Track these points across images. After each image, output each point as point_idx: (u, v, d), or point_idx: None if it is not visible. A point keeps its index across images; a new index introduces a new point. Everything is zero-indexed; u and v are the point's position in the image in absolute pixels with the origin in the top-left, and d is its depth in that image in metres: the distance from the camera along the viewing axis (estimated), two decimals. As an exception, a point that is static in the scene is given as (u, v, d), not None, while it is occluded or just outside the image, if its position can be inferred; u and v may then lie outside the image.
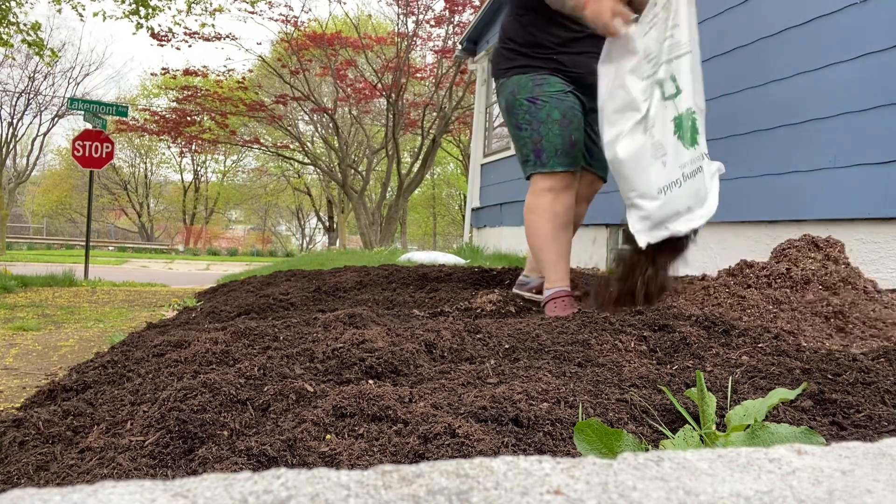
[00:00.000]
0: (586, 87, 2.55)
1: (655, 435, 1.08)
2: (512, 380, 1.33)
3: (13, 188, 29.97)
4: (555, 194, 2.51)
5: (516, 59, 2.60)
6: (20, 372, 2.42)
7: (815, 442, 0.92)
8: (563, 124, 2.49)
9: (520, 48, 2.60)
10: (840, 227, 3.42)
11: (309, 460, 0.96)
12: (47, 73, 27.44)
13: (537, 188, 2.55)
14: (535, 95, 2.52)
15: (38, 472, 1.07)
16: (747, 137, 4.05)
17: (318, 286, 3.32)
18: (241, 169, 35.26)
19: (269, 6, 15.07)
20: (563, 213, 2.51)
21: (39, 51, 9.92)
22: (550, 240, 2.52)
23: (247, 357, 1.55)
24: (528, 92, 2.54)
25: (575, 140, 2.51)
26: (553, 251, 2.52)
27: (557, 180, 2.50)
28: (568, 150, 2.50)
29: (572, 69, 2.56)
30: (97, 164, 8.33)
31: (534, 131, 2.52)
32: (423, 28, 15.53)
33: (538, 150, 2.51)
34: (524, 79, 2.55)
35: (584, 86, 2.57)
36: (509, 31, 2.67)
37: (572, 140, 2.50)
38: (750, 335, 1.68)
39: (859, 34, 3.32)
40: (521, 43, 2.60)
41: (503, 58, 2.67)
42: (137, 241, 33.57)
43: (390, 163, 17.51)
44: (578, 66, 2.56)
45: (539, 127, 2.51)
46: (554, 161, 2.49)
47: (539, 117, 2.51)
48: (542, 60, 2.56)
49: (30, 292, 5.57)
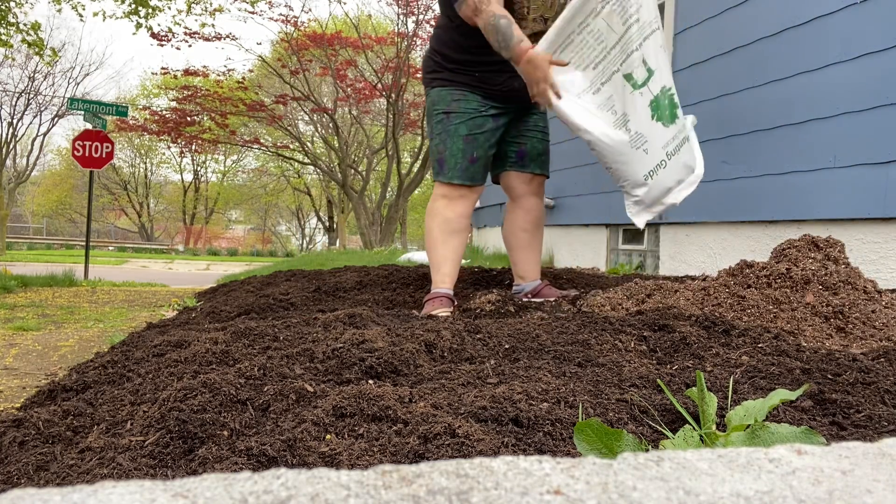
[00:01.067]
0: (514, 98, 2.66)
1: (655, 435, 1.08)
2: (512, 380, 1.33)
3: (13, 188, 29.96)
4: (448, 201, 2.69)
5: (441, 73, 2.72)
6: (20, 372, 2.42)
7: (815, 442, 0.92)
8: (468, 140, 2.64)
9: (444, 63, 2.71)
10: (840, 227, 3.42)
11: (309, 460, 0.96)
12: (47, 73, 27.43)
13: (435, 194, 2.73)
14: (450, 109, 2.67)
15: (38, 472, 1.07)
16: (747, 137, 4.05)
17: (318, 286, 3.32)
18: (241, 169, 35.25)
19: (269, 6, 15.06)
20: (455, 219, 2.68)
21: (39, 51, 9.91)
22: (438, 243, 2.68)
23: (247, 357, 1.55)
24: (445, 105, 2.69)
25: (477, 157, 2.66)
26: (439, 254, 2.68)
27: (452, 190, 2.68)
28: (467, 165, 2.65)
29: (496, 85, 2.66)
30: (97, 164, 8.33)
31: (441, 142, 2.69)
32: (423, 28, 15.52)
33: (441, 160, 2.68)
34: (444, 92, 2.70)
35: (513, 98, 2.67)
36: (439, 41, 2.76)
37: (474, 156, 2.65)
38: (750, 335, 1.68)
39: (859, 34, 3.32)
40: (447, 56, 2.70)
41: (431, 66, 2.77)
42: (137, 241, 33.56)
43: (390, 163, 17.51)
44: (503, 82, 2.64)
45: (446, 139, 2.67)
46: (452, 173, 2.66)
47: (448, 130, 2.67)
48: (464, 76, 2.67)
49: (30, 292, 5.57)
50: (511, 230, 2.89)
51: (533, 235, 2.86)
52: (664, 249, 4.90)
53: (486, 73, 2.63)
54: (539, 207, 2.87)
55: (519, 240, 2.86)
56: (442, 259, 2.66)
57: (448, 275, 2.65)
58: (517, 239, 2.87)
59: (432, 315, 2.27)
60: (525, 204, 2.84)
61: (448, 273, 2.65)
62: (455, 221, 2.68)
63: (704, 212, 4.41)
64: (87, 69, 33.33)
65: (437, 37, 2.76)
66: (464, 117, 2.64)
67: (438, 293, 2.60)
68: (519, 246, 2.87)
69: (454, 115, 2.65)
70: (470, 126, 2.64)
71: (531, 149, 2.80)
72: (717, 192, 4.29)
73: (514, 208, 2.88)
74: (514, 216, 2.87)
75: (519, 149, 2.79)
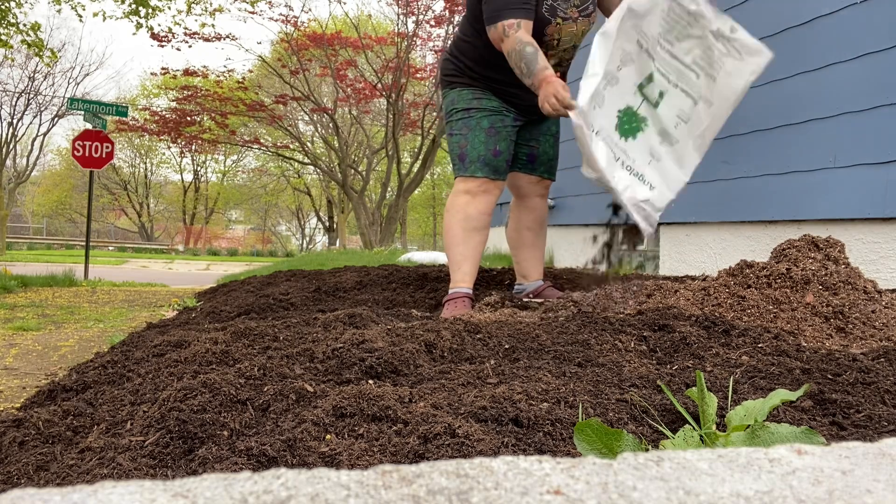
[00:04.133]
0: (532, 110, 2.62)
1: (655, 435, 1.08)
2: (512, 380, 1.33)
3: (13, 188, 29.96)
4: (471, 197, 2.62)
5: (462, 78, 2.70)
6: (20, 372, 2.41)
7: (815, 442, 0.92)
8: (490, 133, 2.61)
9: (467, 71, 2.69)
10: (840, 227, 3.41)
11: (309, 460, 0.96)
12: (47, 74, 27.43)
13: (456, 190, 2.67)
14: (471, 107, 2.65)
15: (38, 472, 1.07)
16: (747, 137, 4.04)
17: (318, 286, 3.32)
18: (241, 169, 35.26)
19: (269, 6, 15.05)
20: (476, 216, 2.62)
21: (39, 51, 9.91)
22: (459, 240, 2.62)
23: (247, 357, 1.55)
24: (466, 103, 2.66)
25: (500, 150, 2.62)
26: (459, 252, 2.62)
27: (476, 185, 2.62)
28: (491, 158, 2.61)
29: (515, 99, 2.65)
30: (97, 164, 8.33)
31: (462, 137, 2.65)
32: (423, 28, 15.52)
33: (462, 155, 2.64)
34: (465, 92, 2.68)
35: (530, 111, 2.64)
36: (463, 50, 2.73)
37: (497, 149, 2.61)
38: (750, 335, 1.68)
39: (859, 34, 3.32)
40: (469, 67, 2.68)
41: (451, 69, 2.75)
42: (137, 241, 33.56)
43: (390, 163, 17.50)
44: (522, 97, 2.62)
45: (467, 133, 2.63)
46: (475, 167, 2.61)
47: (469, 124, 2.64)
48: (483, 83, 2.66)
49: (30, 292, 5.56)
50: (516, 228, 2.89)
51: (537, 234, 2.86)
52: (664, 249, 4.90)
53: (507, 91, 2.63)
54: (543, 208, 2.88)
55: (524, 238, 2.87)
56: (462, 258, 2.61)
57: (468, 274, 2.61)
58: (522, 237, 2.87)
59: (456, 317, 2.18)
60: (530, 203, 2.85)
61: (468, 272, 2.61)
62: (476, 219, 2.62)
63: (704, 212, 4.41)
64: (87, 69, 33.37)
65: (461, 44, 2.73)
66: (486, 112, 2.62)
67: (459, 293, 2.56)
68: (523, 245, 2.87)
69: (475, 110, 2.63)
70: (492, 120, 2.62)
71: (542, 153, 2.80)
72: (717, 192, 4.29)
73: (519, 207, 2.88)
74: (518, 215, 2.87)
75: (530, 152, 2.79)
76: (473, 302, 2.54)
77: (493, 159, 2.61)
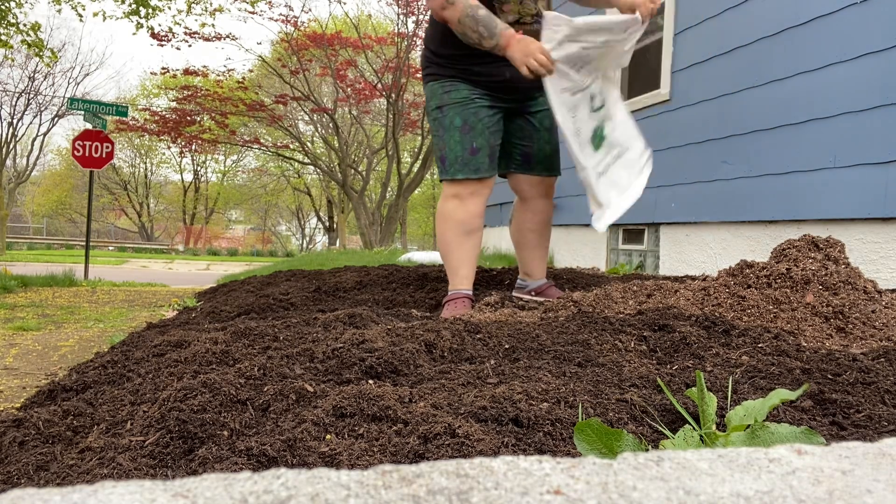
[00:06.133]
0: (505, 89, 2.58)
1: (655, 435, 1.08)
2: (512, 380, 1.33)
3: (13, 188, 29.96)
4: (459, 201, 2.57)
5: (430, 67, 2.66)
6: (20, 372, 2.42)
7: (815, 442, 0.92)
8: (464, 131, 2.54)
9: (433, 56, 2.64)
10: (840, 227, 3.41)
11: (309, 460, 0.96)
12: (47, 73, 27.44)
13: (445, 195, 2.63)
14: (442, 103, 2.58)
15: (38, 472, 1.07)
16: (747, 137, 4.04)
17: (318, 286, 3.32)
18: (241, 169, 35.28)
19: (269, 6, 15.08)
20: (467, 220, 2.57)
21: (39, 51, 9.92)
22: (453, 246, 2.59)
23: (247, 357, 1.55)
24: (437, 100, 2.60)
25: (477, 147, 2.54)
26: (455, 258, 2.59)
27: (462, 187, 2.57)
28: (468, 157, 2.54)
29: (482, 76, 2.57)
30: (97, 164, 8.33)
31: (439, 139, 2.60)
32: (422, 28, 15.52)
33: (443, 157, 2.58)
34: (436, 86, 2.61)
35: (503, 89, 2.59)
36: (426, 37, 2.70)
37: (473, 147, 2.53)
38: (750, 335, 1.68)
39: (859, 34, 3.32)
40: (434, 51, 2.64)
41: (423, 62, 2.73)
42: (137, 241, 33.56)
43: (390, 163, 17.50)
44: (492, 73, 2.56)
45: (444, 134, 2.58)
46: (455, 168, 2.55)
47: (444, 124, 2.57)
48: (451, 69, 2.59)
49: (30, 292, 5.57)
50: (519, 230, 2.86)
51: (541, 236, 2.84)
52: (664, 249, 4.90)
53: (470, 66, 2.54)
54: (547, 209, 2.83)
55: (527, 240, 2.84)
56: (458, 262, 2.58)
57: (466, 276, 2.58)
58: (525, 239, 2.85)
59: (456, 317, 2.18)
60: (533, 206, 2.79)
61: (466, 275, 2.58)
62: (468, 222, 2.57)
63: (704, 212, 4.41)
64: (87, 69, 33.42)
65: (427, 33, 2.70)
66: (456, 108, 2.54)
67: (459, 293, 2.54)
68: (527, 246, 2.85)
69: (447, 107, 2.55)
70: (464, 116, 2.53)
71: (537, 151, 2.71)
72: (717, 192, 4.29)
73: (522, 209, 2.83)
74: (522, 217, 2.83)
75: (524, 150, 2.71)
76: (473, 302, 2.53)
77: (471, 158, 2.52)
